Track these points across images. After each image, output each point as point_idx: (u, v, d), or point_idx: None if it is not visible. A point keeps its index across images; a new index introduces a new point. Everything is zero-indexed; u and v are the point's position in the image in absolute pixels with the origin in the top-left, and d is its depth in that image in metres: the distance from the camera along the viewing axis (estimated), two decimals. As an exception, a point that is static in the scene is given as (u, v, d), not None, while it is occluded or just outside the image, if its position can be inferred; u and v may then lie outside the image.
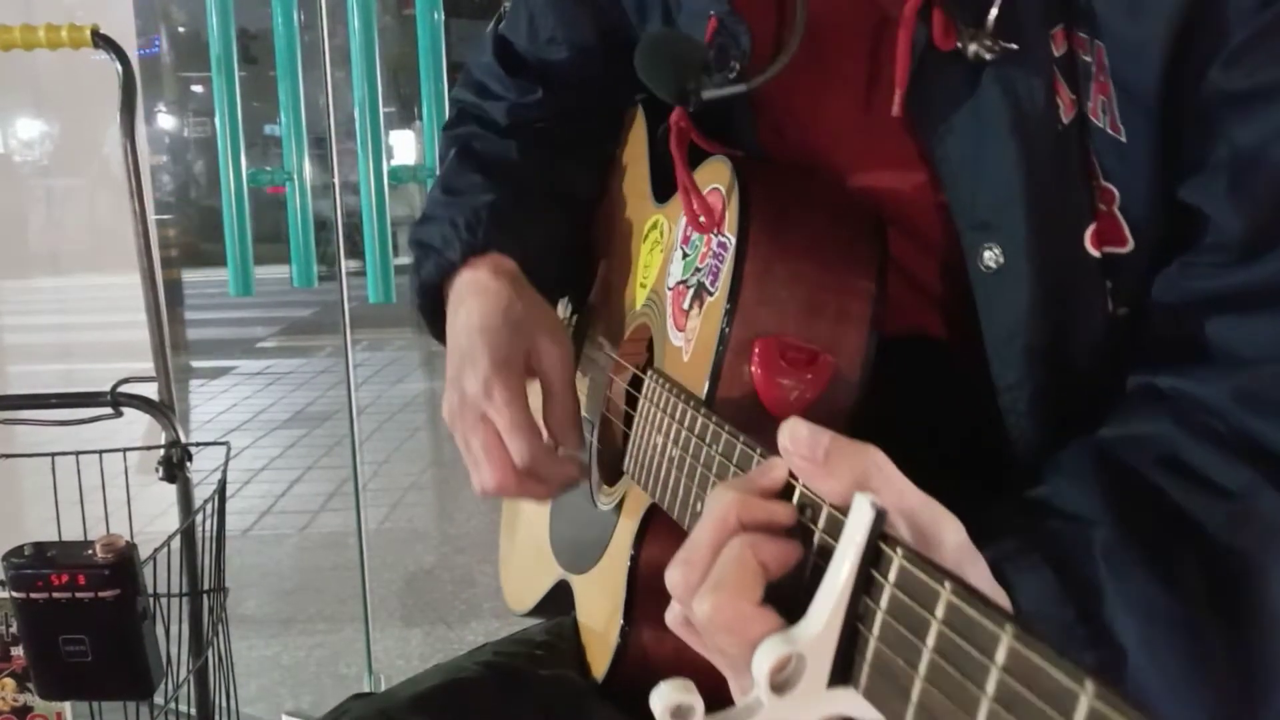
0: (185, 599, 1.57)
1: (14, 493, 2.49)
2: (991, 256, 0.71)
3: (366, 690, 2.37)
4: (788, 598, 0.51)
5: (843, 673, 0.48)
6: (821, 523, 0.52)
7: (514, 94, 1.02)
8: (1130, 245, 0.70)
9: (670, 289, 0.84)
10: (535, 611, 1.03)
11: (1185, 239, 0.69)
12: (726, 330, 0.72)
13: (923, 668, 0.44)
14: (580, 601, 0.92)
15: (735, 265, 0.73)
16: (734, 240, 0.74)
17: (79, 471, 1.55)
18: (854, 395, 0.72)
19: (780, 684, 0.49)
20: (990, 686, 0.40)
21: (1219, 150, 0.65)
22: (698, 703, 0.49)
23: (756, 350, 0.72)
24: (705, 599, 0.52)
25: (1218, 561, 0.60)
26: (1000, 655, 0.40)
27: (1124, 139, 0.68)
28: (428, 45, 2.18)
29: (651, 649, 0.80)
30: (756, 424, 0.66)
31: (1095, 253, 0.71)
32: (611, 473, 0.91)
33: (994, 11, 0.67)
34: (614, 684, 0.82)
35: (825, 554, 0.50)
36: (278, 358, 6.84)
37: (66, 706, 1.59)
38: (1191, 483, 0.63)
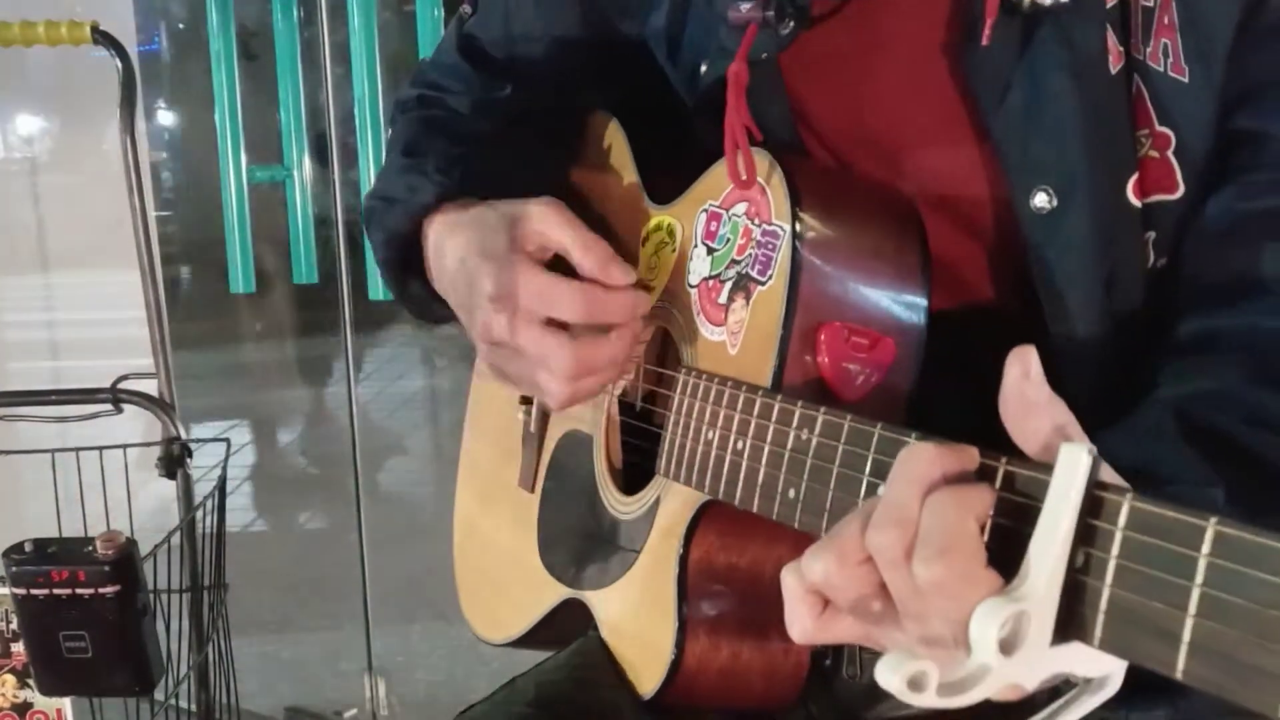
0: (185, 595, 1.57)
1: (14, 489, 2.49)
2: (1044, 199, 0.72)
3: (366, 689, 2.38)
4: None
5: (1066, 628, 0.47)
6: (999, 480, 0.51)
7: (479, 90, 0.98)
8: (1180, 191, 0.71)
9: (693, 286, 0.83)
10: (527, 638, 0.98)
11: (1241, 167, 0.69)
12: (789, 317, 0.72)
13: (1194, 605, 0.42)
14: (606, 617, 0.89)
15: (792, 252, 0.73)
16: (787, 228, 0.74)
17: (79, 468, 1.55)
18: (913, 377, 0.73)
19: (1004, 645, 0.48)
20: None
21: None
22: (932, 669, 0.48)
23: (822, 337, 0.72)
24: (933, 565, 0.49)
25: None
26: None
27: (1186, 80, 0.69)
28: (428, 42, 2.17)
29: (707, 656, 0.78)
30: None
31: (1137, 202, 0.72)
32: (629, 480, 0.89)
33: None
34: (666, 697, 0.80)
35: (1017, 513, 0.49)
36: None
37: (67, 703, 1.59)
38: (1274, 434, 0.62)
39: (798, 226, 0.73)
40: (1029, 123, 0.72)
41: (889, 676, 0.48)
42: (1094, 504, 0.47)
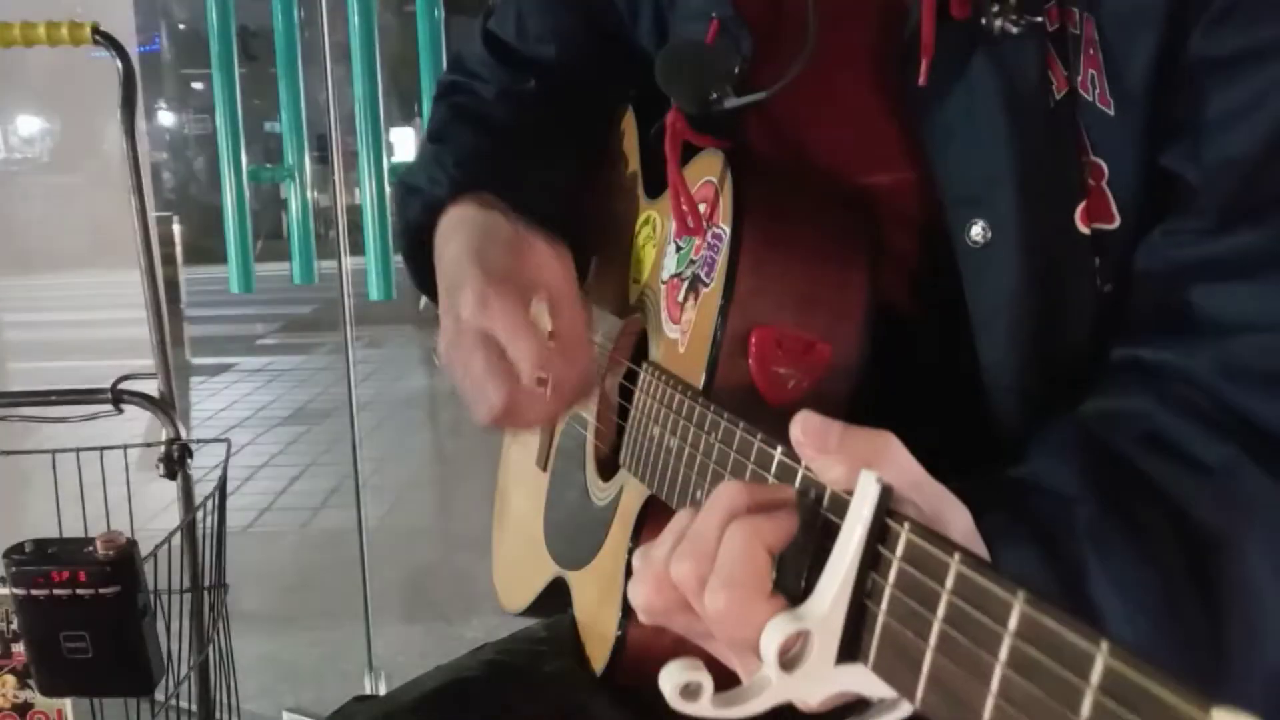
0: (186, 595, 1.57)
1: (15, 489, 2.49)
2: (979, 231, 0.71)
3: (367, 689, 2.38)
4: (792, 576, 0.52)
5: (850, 649, 0.49)
6: (825, 503, 0.53)
7: (505, 81, 1.01)
8: (1117, 222, 0.71)
9: (664, 283, 0.84)
10: (530, 610, 1.02)
11: (1169, 207, 0.69)
12: (723, 321, 0.72)
13: (933, 639, 0.44)
14: (577, 597, 0.92)
15: (730, 256, 0.73)
16: (729, 231, 0.74)
17: (79, 468, 1.55)
18: (851, 383, 0.73)
19: (788, 662, 0.49)
20: (1003, 653, 0.40)
21: (1201, 116, 0.66)
22: (706, 680, 0.50)
23: (753, 340, 0.72)
24: (718, 595, 0.52)
25: (1198, 539, 0.61)
26: (1013, 622, 0.40)
27: (1112, 112, 0.68)
28: (428, 42, 2.18)
29: (650, 640, 0.80)
30: (754, 414, 0.66)
31: (1085, 230, 0.71)
32: (608, 468, 0.91)
33: None
34: (614, 676, 0.82)
35: (831, 533, 0.51)
36: (278, 354, 6.84)
37: (67, 703, 1.59)
38: (1173, 461, 0.63)
39: (739, 230, 0.74)
40: (965, 155, 0.71)
41: (665, 684, 0.50)
42: (883, 532, 0.48)
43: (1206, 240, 0.67)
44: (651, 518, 0.80)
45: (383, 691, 2.35)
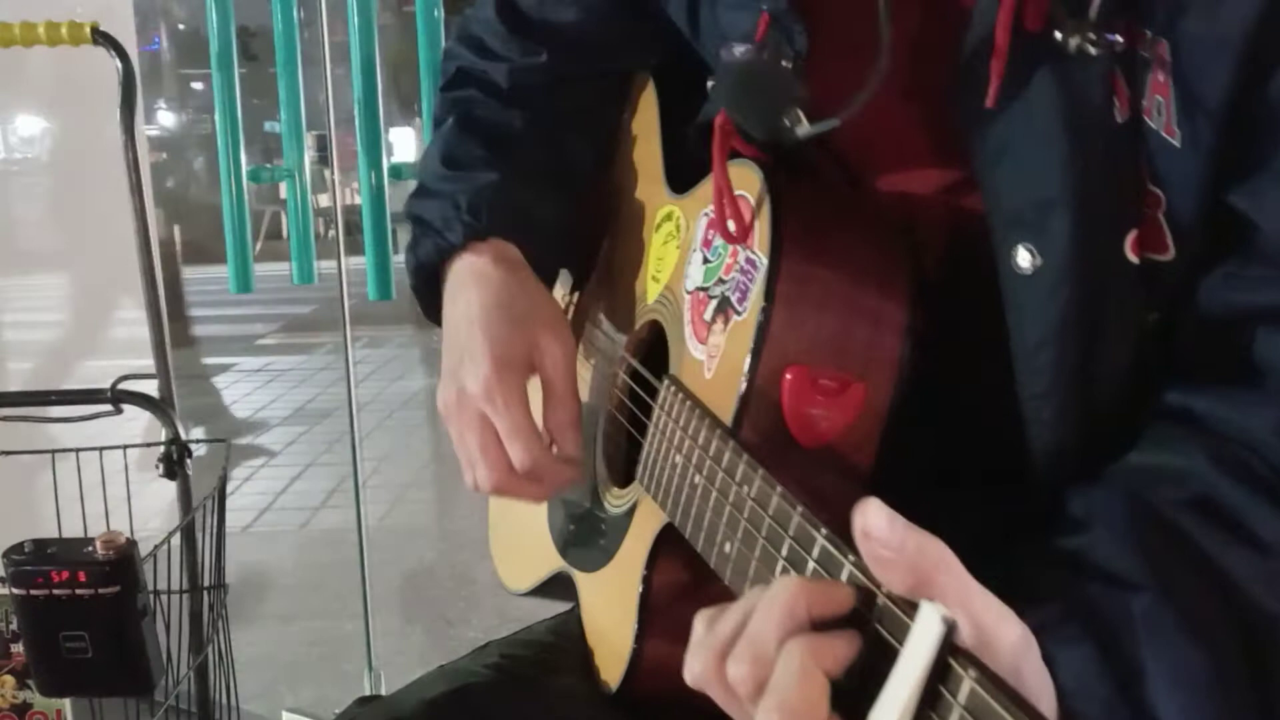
0: (185, 596, 1.57)
1: (14, 489, 2.49)
2: (1026, 257, 0.68)
3: (366, 689, 2.37)
4: (845, 692, 0.50)
5: None
6: (877, 612, 0.50)
7: (516, 54, 0.98)
8: (1171, 253, 0.67)
9: (689, 293, 0.81)
10: (533, 593, 1.02)
11: (1231, 248, 0.66)
12: (756, 356, 0.70)
13: None
14: (586, 601, 0.91)
15: (766, 287, 0.70)
16: (766, 260, 0.71)
17: (79, 468, 1.55)
18: (883, 423, 0.70)
19: None
20: None
21: (1278, 158, 0.63)
22: None
23: (787, 379, 0.69)
24: (771, 716, 0.50)
25: (1254, 623, 0.59)
26: None
27: (1178, 143, 0.65)
28: (427, 42, 2.17)
29: (663, 665, 0.78)
30: (782, 452, 0.65)
31: (1134, 259, 0.67)
32: (619, 473, 0.90)
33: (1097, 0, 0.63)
34: (628, 693, 0.81)
35: (884, 651, 0.49)
36: (278, 354, 6.84)
37: (66, 704, 1.59)
38: (1228, 533, 0.61)
39: (776, 261, 0.71)
40: (1017, 174, 0.68)
41: None
42: (944, 670, 0.46)
43: (1273, 287, 0.64)
44: (667, 548, 0.78)
45: (382, 692, 2.34)
